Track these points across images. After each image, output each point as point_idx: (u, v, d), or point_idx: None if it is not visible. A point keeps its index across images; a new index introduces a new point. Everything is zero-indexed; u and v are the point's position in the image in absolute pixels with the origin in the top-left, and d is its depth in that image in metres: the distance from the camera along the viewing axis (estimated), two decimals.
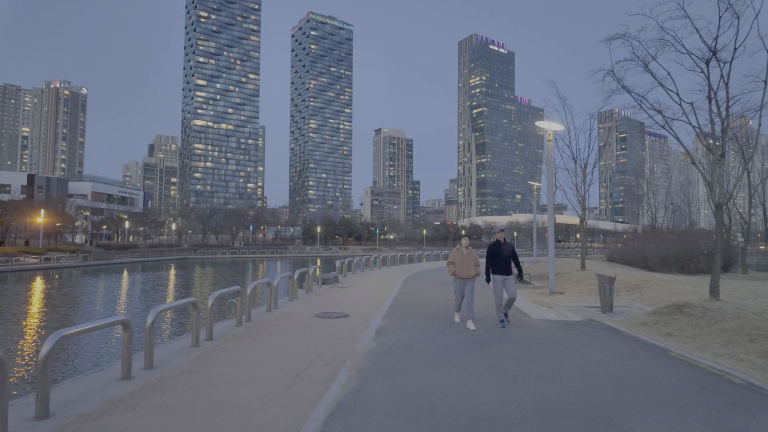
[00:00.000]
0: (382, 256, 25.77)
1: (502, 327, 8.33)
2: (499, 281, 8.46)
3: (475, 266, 8.46)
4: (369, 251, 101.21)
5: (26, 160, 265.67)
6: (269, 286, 9.98)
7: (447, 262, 8.68)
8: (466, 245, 8.61)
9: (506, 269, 8.45)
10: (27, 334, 16.80)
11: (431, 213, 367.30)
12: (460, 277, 8.46)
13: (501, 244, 8.53)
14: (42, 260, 46.33)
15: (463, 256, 8.48)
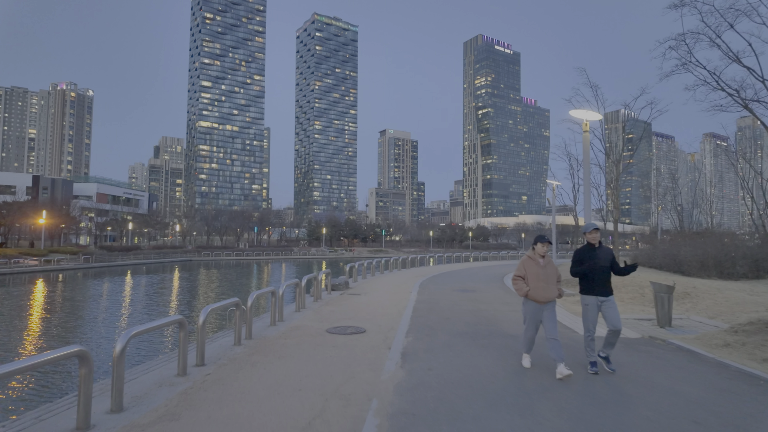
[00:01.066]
0: (393, 259, 24.41)
1: (594, 372, 5.66)
2: (592, 305, 5.77)
3: (557, 282, 5.91)
4: (375, 253, 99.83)
5: (33, 162, 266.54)
6: (273, 295, 8.65)
7: (513, 276, 5.98)
8: (543, 252, 5.85)
9: (605, 287, 5.76)
10: None
11: (436, 214, 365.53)
12: (536, 300, 5.75)
13: (596, 249, 5.85)
14: (42, 262, 45.33)
15: (539, 269, 5.77)
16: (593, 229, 5.95)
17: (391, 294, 13.92)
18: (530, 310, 5.85)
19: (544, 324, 5.75)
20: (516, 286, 5.88)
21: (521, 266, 5.91)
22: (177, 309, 23.45)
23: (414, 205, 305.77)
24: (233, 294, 29.98)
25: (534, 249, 5.93)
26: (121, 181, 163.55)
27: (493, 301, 12.58)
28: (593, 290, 5.76)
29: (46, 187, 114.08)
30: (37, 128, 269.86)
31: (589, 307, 5.78)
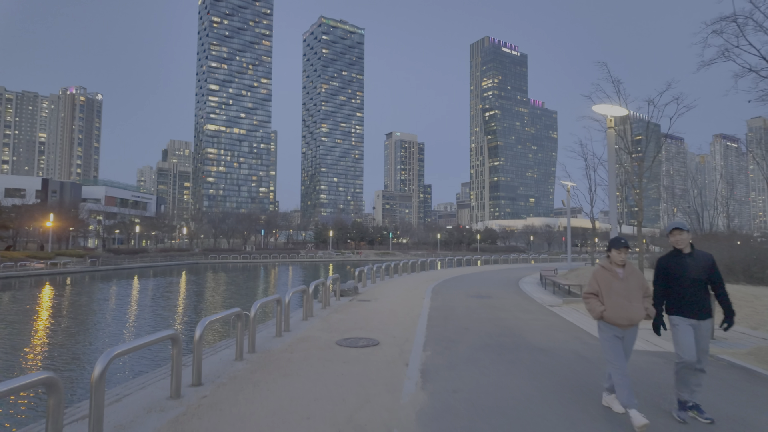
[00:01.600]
0: (402, 263, 23.72)
1: (682, 421, 4.19)
2: (684, 329, 4.24)
3: (644, 298, 4.36)
4: (382, 256, 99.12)
5: (43, 166, 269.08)
6: (279, 304, 8.01)
7: (584, 294, 4.55)
8: (621, 260, 4.40)
9: (701, 305, 4.29)
10: None
11: (443, 217, 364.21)
12: (616, 323, 4.27)
13: (686, 256, 4.40)
14: (48, 265, 45.14)
15: (617, 282, 4.34)
16: (675, 228, 4.38)
17: (403, 300, 13.24)
18: (608, 338, 4.34)
19: (624, 353, 4.36)
20: (588, 305, 4.46)
21: (593, 280, 4.47)
22: (180, 315, 22.91)
23: (421, 208, 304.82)
24: (238, 299, 29.44)
25: (609, 256, 4.49)
26: (130, 184, 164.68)
27: (512, 309, 11.85)
28: (688, 310, 4.28)
29: (56, 190, 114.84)
30: (47, 132, 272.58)
31: (680, 328, 4.25)
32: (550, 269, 22.92)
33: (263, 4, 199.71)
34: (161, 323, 20.36)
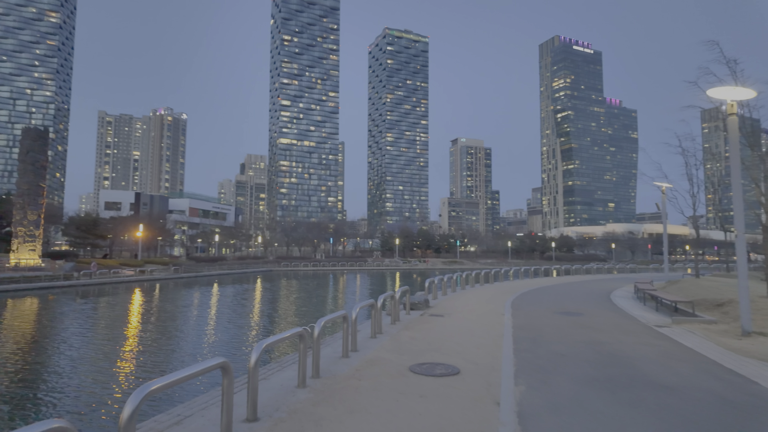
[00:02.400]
0: (474, 273, 22.27)
1: None
2: None
3: None
4: (450, 264, 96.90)
5: (137, 181, 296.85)
6: (345, 321, 7.21)
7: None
8: None
9: None
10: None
11: (513, 224, 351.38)
12: None
13: None
14: (137, 272, 48.72)
15: None
16: None
17: (480, 316, 11.98)
18: None
19: None
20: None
21: None
22: (249, 328, 23.13)
23: (488, 215, 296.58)
24: (307, 310, 29.46)
25: None
26: (211, 196, 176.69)
27: (611, 330, 10.19)
28: None
29: (146, 202, 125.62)
30: (140, 150, 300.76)
31: None
32: (646, 281, 20.36)
33: (330, 20, 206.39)
34: (239, 328, 20.61)
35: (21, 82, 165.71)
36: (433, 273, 76.20)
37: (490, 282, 24.35)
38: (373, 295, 36.47)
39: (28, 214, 40.80)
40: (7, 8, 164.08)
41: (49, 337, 18.84)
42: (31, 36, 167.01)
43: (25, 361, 14.80)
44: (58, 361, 14.86)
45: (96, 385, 11.97)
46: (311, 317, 24.65)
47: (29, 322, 22.81)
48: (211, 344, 17.44)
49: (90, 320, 23.49)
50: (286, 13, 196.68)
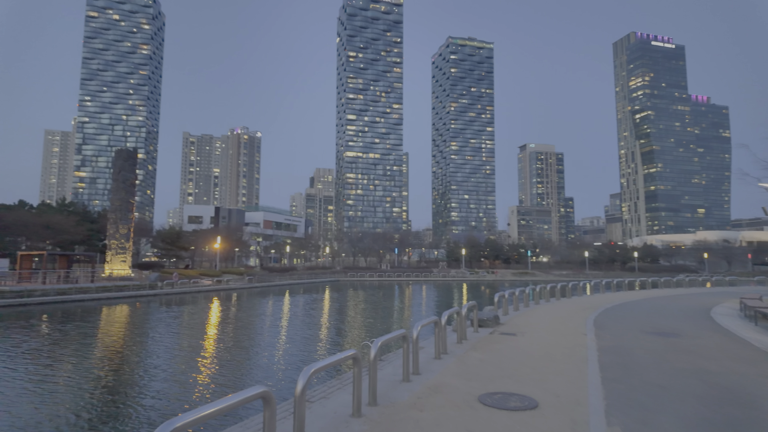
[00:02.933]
0: (549, 286, 20.63)
1: None
2: None
3: None
4: (520, 275, 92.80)
5: (217, 196, 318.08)
6: (405, 341, 6.59)
7: None
8: None
9: None
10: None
11: (589, 232, 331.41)
12: None
13: None
14: (215, 282, 51.46)
15: None
16: None
17: (558, 336, 10.79)
18: None
19: None
20: None
21: None
22: (315, 340, 23.14)
23: (562, 223, 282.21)
24: (372, 321, 29.13)
25: None
26: (283, 209, 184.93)
27: (720, 356, 8.64)
28: None
29: (225, 216, 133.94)
30: (220, 167, 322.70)
31: None
32: (753, 296, 17.71)
33: (394, 34, 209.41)
34: (301, 346, 20.69)
35: (118, 109, 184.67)
36: (502, 285, 73.22)
37: (567, 296, 22.49)
38: (439, 307, 35.40)
39: (119, 228, 44.72)
40: (106, 44, 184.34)
41: (142, 342, 20.04)
42: (126, 68, 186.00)
43: (129, 362, 15.74)
44: (148, 366, 15.62)
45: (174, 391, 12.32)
46: (375, 330, 24.26)
47: (127, 327, 24.58)
48: (277, 356, 17.54)
49: (174, 327, 24.84)
50: (351, 31, 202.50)
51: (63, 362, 16.07)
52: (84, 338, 20.94)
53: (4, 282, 33.70)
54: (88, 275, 41.01)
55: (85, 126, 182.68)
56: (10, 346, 18.58)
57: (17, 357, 16.63)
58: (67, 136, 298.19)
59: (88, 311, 30.23)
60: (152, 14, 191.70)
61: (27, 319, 26.36)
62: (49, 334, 22.17)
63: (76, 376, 13.98)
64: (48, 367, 15.35)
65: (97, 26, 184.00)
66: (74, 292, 33.94)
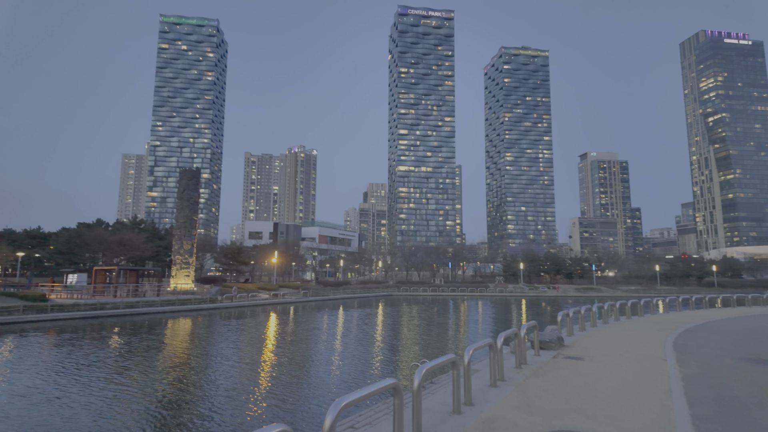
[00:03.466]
0: (619, 304, 18.87)
1: None
2: None
3: None
4: (584, 291, 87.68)
5: (276, 212, 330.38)
6: (455, 367, 5.89)
7: None
8: None
9: None
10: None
11: (659, 245, 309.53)
12: None
13: None
14: (271, 296, 52.67)
15: None
16: None
17: (633, 361, 9.55)
18: None
19: None
20: None
21: None
22: (367, 357, 22.64)
23: (628, 235, 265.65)
24: (428, 338, 28.22)
25: None
26: (338, 224, 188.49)
27: None
28: None
29: (283, 231, 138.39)
30: (278, 185, 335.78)
31: None
32: None
33: (445, 48, 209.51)
34: (352, 366, 20.28)
35: (185, 132, 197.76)
36: (564, 301, 69.25)
37: (639, 314, 20.49)
38: (496, 325, 33.77)
39: (183, 244, 47.09)
40: (175, 73, 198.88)
41: (203, 356, 20.56)
42: (193, 93, 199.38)
43: (190, 375, 16.11)
44: (209, 380, 15.85)
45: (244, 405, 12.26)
46: (429, 348, 23.37)
47: (188, 340, 25.46)
48: (327, 375, 17.20)
49: (232, 342, 25.39)
50: (403, 47, 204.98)
51: (126, 375, 16.66)
52: (148, 351, 21.79)
53: (80, 295, 36.37)
54: (155, 289, 43.38)
55: (156, 149, 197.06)
56: (81, 356, 19.64)
57: (86, 368, 17.48)
58: (142, 159, 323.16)
59: (153, 324, 31.75)
60: (216, 42, 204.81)
61: (99, 330, 28.03)
62: (117, 346, 23.31)
63: (137, 390, 14.37)
64: (108, 380, 15.95)
65: (167, 57, 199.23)
66: (141, 305, 35.89)
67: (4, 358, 19.14)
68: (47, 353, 20.37)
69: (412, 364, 5.34)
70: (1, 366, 17.57)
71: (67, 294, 36.55)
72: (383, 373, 16.42)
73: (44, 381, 15.08)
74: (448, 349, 22.33)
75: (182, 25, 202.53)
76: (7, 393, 13.61)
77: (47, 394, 13.45)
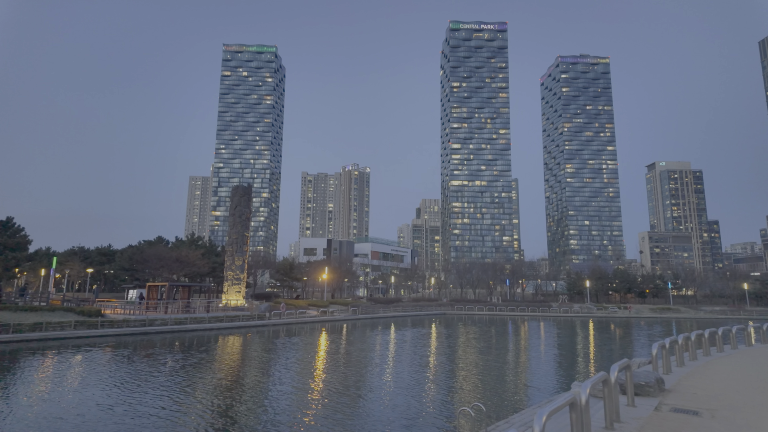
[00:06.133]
0: (721, 331, 15.33)
1: None
2: None
3: None
4: (661, 312, 79.55)
5: (331, 229, 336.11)
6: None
7: None
8: None
9: None
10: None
11: (743, 260, 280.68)
12: None
13: None
14: (320, 313, 51.53)
15: None
16: None
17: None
18: None
19: None
20: None
21: None
22: (414, 392, 20.35)
23: (705, 250, 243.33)
24: (484, 371, 25.43)
25: None
26: (391, 240, 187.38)
27: None
28: None
29: (336, 248, 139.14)
30: (333, 202, 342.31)
31: None
32: None
33: (499, 60, 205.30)
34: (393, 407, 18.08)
35: (246, 154, 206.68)
36: (637, 323, 62.57)
37: (748, 343, 16.70)
38: (564, 356, 30.08)
39: (235, 260, 47.31)
40: (237, 98, 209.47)
41: (243, 380, 19.30)
42: (253, 117, 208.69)
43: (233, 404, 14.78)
44: (251, 409, 14.39)
45: None
46: (486, 389, 20.64)
47: (233, 360, 24.49)
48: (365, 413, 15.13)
49: (277, 367, 24.06)
50: (455, 62, 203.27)
51: (168, 397, 15.52)
52: (192, 370, 20.82)
53: (133, 311, 36.99)
54: (205, 305, 43.61)
55: (220, 171, 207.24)
56: (125, 372, 18.94)
57: (132, 384, 16.60)
58: (207, 181, 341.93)
59: (201, 341, 31.25)
60: (275, 68, 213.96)
61: (145, 348, 27.77)
62: (157, 365, 22.62)
63: (179, 414, 13.09)
64: (142, 402, 14.85)
65: (229, 83, 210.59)
66: (190, 322, 35.79)
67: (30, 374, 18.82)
68: (76, 372, 19.87)
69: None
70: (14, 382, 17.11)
71: (122, 309, 37.34)
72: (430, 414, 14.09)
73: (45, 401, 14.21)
74: (508, 384, 19.53)
75: (243, 52, 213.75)
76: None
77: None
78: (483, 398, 15.13)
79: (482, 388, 17.96)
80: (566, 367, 23.74)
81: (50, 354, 24.40)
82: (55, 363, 22.03)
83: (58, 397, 15.02)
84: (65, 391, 16.00)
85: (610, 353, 30.12)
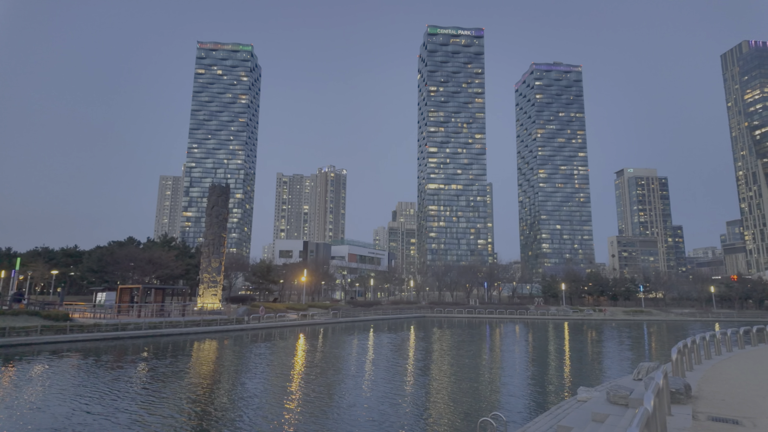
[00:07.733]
0: (743, 330, 15.38)
1: None
2: None
3: None
4: (633, 314, 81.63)
5: (306, 231, 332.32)
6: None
7: None
8: None
9: None
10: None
11: (704, 264, 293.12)
12: None
13: None
14: (300, 316, 50.36)
15: None
16: None
17: None
18: None
19: None
20: None
21: None
22: (394, 402, 19.82)
23: (670, 255, 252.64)
24: (475, 378, 25.11)
25: None
26: (367, 243, 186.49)
27: None
28: None
29: (313, 250, 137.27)
30: (309, 204, 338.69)
31: None
32: None
33: (475, 65, 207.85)
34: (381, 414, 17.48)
35: (220, 154, 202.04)
36: (613, 325, 63.92)
37: (752, 343, 16.86)
38: (562, 359, 30.08)
39: (212, 261, 45.68)
40: (211, 96, 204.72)
41: (219, 393, 18.27)
42: (227, 116, 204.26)
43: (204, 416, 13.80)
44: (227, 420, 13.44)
45: None
46: (480, 397, 20.27)
47: (211, 369, 23.28)
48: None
49: (257, 375, 23.03)
50: (432, 66, 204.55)
51: (145, 408, 14.43)
52: (169, 379, 19.63)
53: (103, 315, 35.04)
54: (180, 308, 41.85)
55: (192, 170, 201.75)
56: (92, 382, 17.63)
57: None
58: (178, 181, 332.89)
59: (177, 346, 29.82)
60: (250, 67, 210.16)
61: (119, 353, 26.21)
62: (135, 374, 21.30)
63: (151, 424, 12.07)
64: (108, 415, 13.75)
65: (203, 81, 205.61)
66: (165, 326, 34.18)
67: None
68: (40, 383, 18.43)
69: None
70: None
71: (91, 313, 35.32)
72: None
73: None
74: (502, 395, 19.22)
75: (218, 50, 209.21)
76: None
77: None
78: (502, 406, 14.71)
79: (502, 392, 17.57)
80: (569, 371, 23.75)
81: (14, 362, 22.67)
82: (18, 372, 20.43)
83: (20, 408, 13.75)
84: (24, 402, 14.71)
85: (610, 355, 30.45)
